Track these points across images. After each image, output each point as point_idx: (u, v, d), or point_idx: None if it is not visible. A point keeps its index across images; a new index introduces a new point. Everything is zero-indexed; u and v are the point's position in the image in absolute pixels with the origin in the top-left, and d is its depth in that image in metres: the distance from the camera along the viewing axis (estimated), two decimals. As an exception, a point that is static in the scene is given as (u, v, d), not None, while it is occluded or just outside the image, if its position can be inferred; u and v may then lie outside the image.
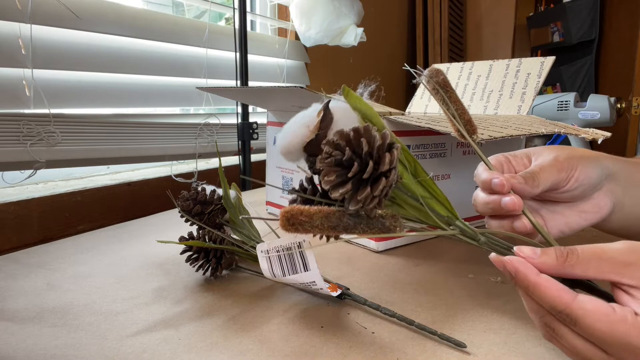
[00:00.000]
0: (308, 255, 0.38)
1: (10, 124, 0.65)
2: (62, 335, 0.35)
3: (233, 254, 0.46)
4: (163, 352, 0.33)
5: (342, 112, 0.32)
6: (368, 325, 0.37)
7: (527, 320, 0.37)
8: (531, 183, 0.34)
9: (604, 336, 0.25)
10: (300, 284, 0.39)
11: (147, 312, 0.39)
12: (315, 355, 0.32)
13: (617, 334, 0.24)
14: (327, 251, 0.54)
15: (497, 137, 0.48)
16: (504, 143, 0.66)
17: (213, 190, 0.48)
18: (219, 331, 0.36)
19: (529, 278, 0.27)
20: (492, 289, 0.44)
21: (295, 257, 0.38)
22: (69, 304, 0.40)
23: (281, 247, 0.39)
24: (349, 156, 0.28)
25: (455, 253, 0.54)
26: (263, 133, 0.96)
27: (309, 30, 1.12)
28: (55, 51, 0.72)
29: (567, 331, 0.27)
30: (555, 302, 0.26)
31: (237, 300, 0.41)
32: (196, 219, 0.46)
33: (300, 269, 0.38)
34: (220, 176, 0.48)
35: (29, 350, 0.33)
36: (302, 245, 0.38)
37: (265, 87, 0.57)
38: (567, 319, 0.26)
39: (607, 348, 0.25)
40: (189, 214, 0.46)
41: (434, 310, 0.39)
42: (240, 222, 0.48)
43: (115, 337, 0.35)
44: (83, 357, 0.32)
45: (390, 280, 0.46)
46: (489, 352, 0.33)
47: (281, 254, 0.39)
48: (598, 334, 0.25)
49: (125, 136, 0.81)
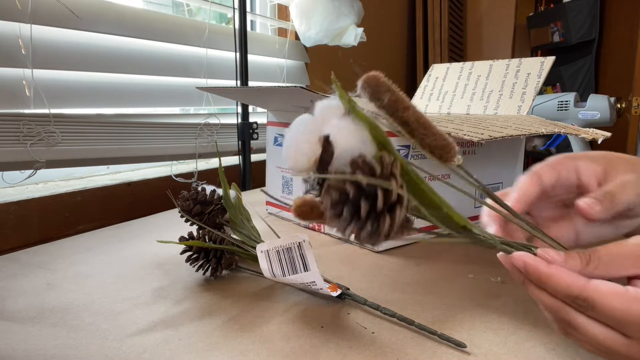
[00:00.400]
0: (308, 255, 0.38)
1: (10, 124, 0.65)
2: (62, 335, 0.35)
3: (233, 254, 0.46)
4: (163, 352, 0.33)
5: (345, 138, 0.27)
6: (368, 326, 0.37)
7: (526, 321, 0.37)
8: (607, 206, 0.30)
9: (622, 315, 0.25)
10: (300, 284, 0.39)
11: (147, 312, 0.39)
12: (315, 355, 0.32)
13: (634, 312, 0.25)
14: (327, 251, 0.54)
15: (497, 137, 0.48)
16: (504, 143, 0.66)
17: (213, 190, 0.48)
18: (219, 331, 0.36)
19: (540, 269, 0.27)
20: (492, 289, 0.44)
21: (295, 257, 0.38)
22: (69, 304, 0.40)
23: (281, 247, 0.39)
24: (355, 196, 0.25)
25: (455, 253, 0.54)
26: (263, 133, 0.96)
27: (309, 30, 1.12)
28: (55, 51, 0.72)
29: (585, 320, 0.26)
30: (570, 288, 0.26)
31: (237, 300, 0.41)
32: (196, 219, 0.46)
33: (300, 269, 0.38)
34: (220, 176, 0.48)
35: (29, 350, 0.33)
36: (302, 246, 0.38)
37: (265, 87, 0.57)
38: (584, 304, 0.26)
39: (626, 329, 0.25)
40: (189, 214, 0.46)
41: (434, 310, 0.39)
42: (241, 222, 0.48)
43: (115, 337, 0.35)
44: (83, 357, 0.32)
45: (390, 280, 0.46)
46: (489, 352, 0.33)
47: (281, 254, 0.39)
48: (616, 313, 0.25)
49: (125, 136, 0.81)
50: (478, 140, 0.45)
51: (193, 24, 0.96)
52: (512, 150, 0.68)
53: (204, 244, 0.44)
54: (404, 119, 0.27)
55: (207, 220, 0.47)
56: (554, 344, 0.34)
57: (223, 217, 0.48)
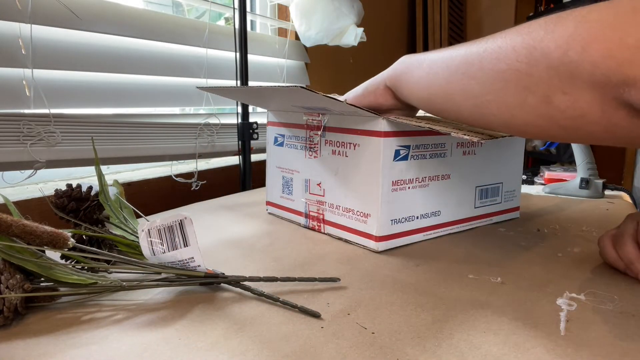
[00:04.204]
0: (189, 232, 0.39)
1: (10, 124, 0.65)
2: (61, 335, 0.35)
3: (112, 245, 0.47)
4: (163, 352, 0.33)
5: None
6: (368, 326, 0.37)
7: (527, 321, 0.37)
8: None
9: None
10: (179, 262, 0.40)
11: (147, 311, 0.39)
12: (315, 355, 0.32)
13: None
14: (327, 251, 0.54)
15: (497, 137, 0.48)
16: (504, 143, 0.67)
17: (90, 186, 0.49)
18: (219, 331, 0.36)
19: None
20: (492, 289, 0.44)
21: (176, 235, 0.39)
22: (69, 304, 0.40)
23: (162, 225, 0.40)
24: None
25: (455, 253, 0.54)
26: (263, 133, 0.96)
27: (309, 30, 1.12)
28: (55, 51, 0.72)
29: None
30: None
31: (237, 300, 0.41)
32: (71, 216, 0.46)
33: (180, 244, 0.39)
34: (97, 172, 0.48)
35: (28, 349, 0.33)
36: (183, 223, 0.40)
37: (265, 87, 0.57)
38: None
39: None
40: (63, 210, 0.46)
41: (434, 310, 0.39)
42: (121, 218, 0.48)
43: (116, 337, 0.35)
44: (83, 356, 0.32)
45: (390, 280, 0.46)
46: (489, 352, 0.33)
47: (162, 232, 0.40)
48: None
49: (125, 136, 0.81)
50: (478, 140, 0.45)
51: (193, 24, 0.96)
52: (512, 150, 0.68)
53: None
54: (12, 234, 0.36)
55: (83, 216, 0.47)
56: (553, 345, 0.34)
57: (101, 213, 0.48)
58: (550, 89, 0.33)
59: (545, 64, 0.32)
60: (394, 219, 0.55)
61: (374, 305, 0.40)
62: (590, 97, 0.31)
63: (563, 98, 0.32)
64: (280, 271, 0.48)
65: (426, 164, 0.56)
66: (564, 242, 0.59)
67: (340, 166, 0.58)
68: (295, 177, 0.65)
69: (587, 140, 0.36)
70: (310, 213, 0.63)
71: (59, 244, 0.37)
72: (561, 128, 0.34)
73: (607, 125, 0.32)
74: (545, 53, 0.32)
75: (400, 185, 0.54)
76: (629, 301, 0.41)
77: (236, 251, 0.54)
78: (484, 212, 0.65)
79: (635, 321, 0.37)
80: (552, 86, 0.33)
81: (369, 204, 0.54)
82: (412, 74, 0.46)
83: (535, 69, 0.33)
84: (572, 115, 0.33)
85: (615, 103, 0.30)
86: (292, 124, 0.65)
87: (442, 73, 0.42)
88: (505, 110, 0.37)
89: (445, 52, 0.42)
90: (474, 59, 0.38)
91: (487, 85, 0.37)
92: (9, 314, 0.35)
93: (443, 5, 1.93)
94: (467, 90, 0.39)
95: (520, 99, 0.35)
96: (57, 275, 0.38)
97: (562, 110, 0.33)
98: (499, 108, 0.37)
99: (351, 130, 0.56)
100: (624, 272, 0.47)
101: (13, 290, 0.35)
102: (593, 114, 0.32)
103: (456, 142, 0.59)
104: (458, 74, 0.40)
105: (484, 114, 0.39)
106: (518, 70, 0.34)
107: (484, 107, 0.38)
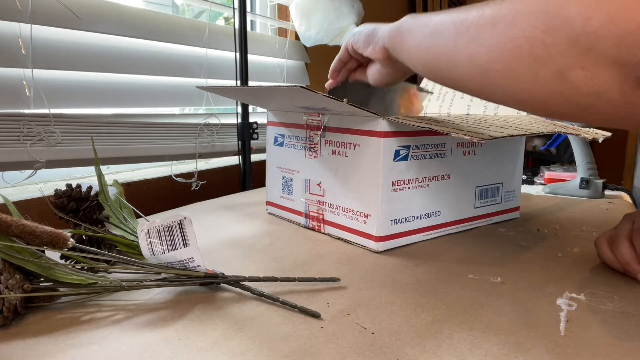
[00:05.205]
0: (188, 232, 0.39)
1: (10, 124, 0.65)
2: (61, 335, 0.35)
3: (112, 245, 0.47)
4: (163, 352, 0.33)
5: None
6: (368, 326, 0.37)
7: (527, 321, 0.37)
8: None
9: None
10: (179, 262, 0.40)
11: (147, 311, 0.39)
12: (315, 355, 0.32)
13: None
14: (327, 251, 0.54)
15: (497, 137, 0.48)
16: (504, 143, 0.66)
17: (89, 187, 0.49)
18: (218, 331, 0.36)
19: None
20: (492, 289, 0.44)
21: (176, 235, 0.39)
22: (69, 304, 0.40)
23: (162, 225, 0.40)
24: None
25: (455, 253, 0.54)
26: (263, 133, 0.96)
27: (309, 30, 1.12)
28: (55, 51, 0.72)
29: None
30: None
31: (237, 300, 0.41)
32: (71, 216, 0.46)
33: (179, 244, 0.39)
34: (96, 172, 0.48)
35: (28, 349, 0.33)
36: (183, 224, 0.39)
37: (265, 87, 0.57)
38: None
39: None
40: (62, 210, 0.47)
41: (434, 310, 0.39)
42: (121, 218, 0.48)
43: (115, 337, 0.35)
44: (82, 356, 0.32)
45: (390, 280, 0.46)
46: (489, 352, 0.33)
47: (162, 233, 0.40)
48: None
49: (125, 136, 0.81)
50: (478, 140, 0.45)
51: (193, 24, 0.96)
52: (512, 150, 0.68)
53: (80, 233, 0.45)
54: (12, 234, 0.37)
55: (83, 216, 0.47)
56: (554, 345, 0.34)
57: (101, 213, 0.48)
58: (567, 62, 0.29)
59: (564, 33, 0.29)
60: (394, 219, 0.55)
61: (374, 305, 0.40)
62: (610, 74, 0.28)
63: (579, 73, 0.29)
64: (280, 271, 0.48)
65: (426, 164, 0.56)
66: (564, 242, 0.59)
67: (340, 166, 0.58)
68: (295, 177, 0.65)
69: (599, 121, 0.32)
70: (310, 213, 0.63)
71: (59, 244, 0.37)
72: (574, 106, 0.31)
73: (625, 106, 0.29)
74: (566, 20, 0.29)
75: (400, 186, 0.54)
76: (629, 301, 0.41)
77: (236, 251, 0.54)
78: (484, 212, 0.65)
79: (635, 321, 0.37)
80: (569, 59, 0.29)
81: (368, 204, 0.54)
82: (415, 35, 0.43)
83: (551, 38, 0.30)
84: (588, 92, 0.30)
85: (637, 82, 0.27)
86: (292, 124, 0.65)
87: (449, 36, 0.38)
88: (514, 82, 0.34)
89: (454, 13, 0.38)
90: (486, 22, 0.34)
91: (497, 53, 0.34)
92: (8, 314, 0.35)
93: (443, 6, 1.93)
94: (475, 56, 0.35)
95: (532, 71, 0.32)
96: (57, 275, 0.38)
97: (577, 87, 0.30)
98: (507, 79, 0.34)
99: (351, 130, 0.56)
100: (623, 273, 0.47)
101: (13, 290, 0.35)
102: (611, 93, 0.29)
103: (456, 142, 0.59)
104: (467, 37, 0.36)
105: (490, 85, 0.36)
106: (533, 37, 0.31)
107: (491, 77, 0.35)
